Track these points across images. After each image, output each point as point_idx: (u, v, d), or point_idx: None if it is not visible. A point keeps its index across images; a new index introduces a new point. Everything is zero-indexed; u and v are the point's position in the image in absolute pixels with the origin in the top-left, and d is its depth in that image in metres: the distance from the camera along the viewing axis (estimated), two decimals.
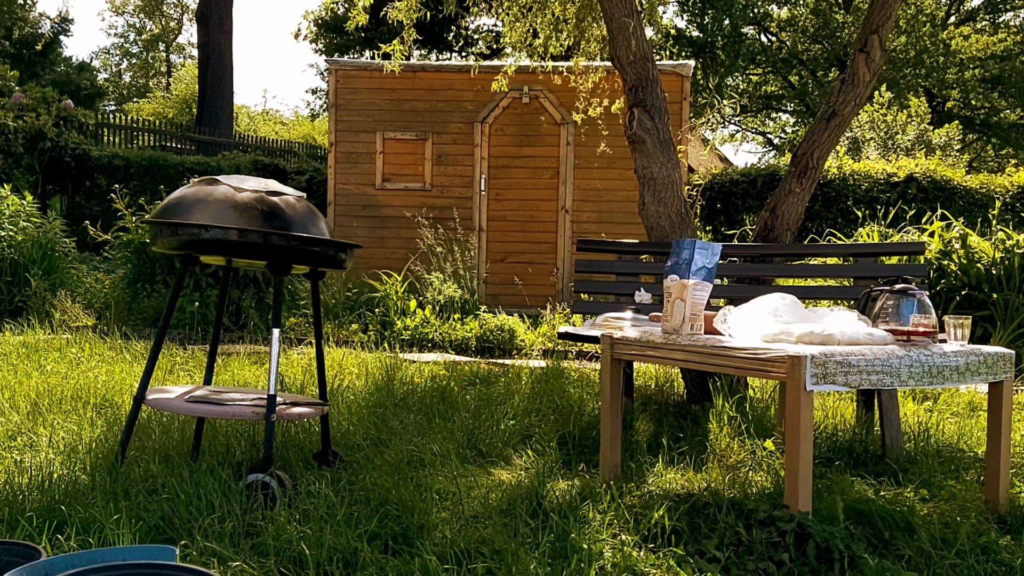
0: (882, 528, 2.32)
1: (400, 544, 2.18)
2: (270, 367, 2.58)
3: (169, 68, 42.13)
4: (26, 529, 2.16)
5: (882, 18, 4.01)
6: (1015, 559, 2.18)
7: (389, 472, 2.62)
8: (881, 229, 7.45)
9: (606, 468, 2.79)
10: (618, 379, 2.82)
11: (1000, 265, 6.04)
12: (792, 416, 2.19)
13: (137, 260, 7.06)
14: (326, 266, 2.70)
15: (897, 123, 16.43)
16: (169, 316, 2.80)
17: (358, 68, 10.05)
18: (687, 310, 2.58)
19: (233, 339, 6.44)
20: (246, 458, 2.90)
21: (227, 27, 19.21)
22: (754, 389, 4.12)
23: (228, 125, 19.25)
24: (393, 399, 3.91)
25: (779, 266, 4.14)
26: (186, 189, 2.67)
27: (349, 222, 9.76)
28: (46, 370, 4.37)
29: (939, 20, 26.96)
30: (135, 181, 12.22)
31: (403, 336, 6.62)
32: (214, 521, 2.21)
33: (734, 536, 2.12)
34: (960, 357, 2.40)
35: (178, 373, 4.50)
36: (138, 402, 2.74)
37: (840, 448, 3.28)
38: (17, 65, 22.08)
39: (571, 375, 4.58)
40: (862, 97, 4.07)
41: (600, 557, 2.02)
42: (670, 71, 9.17)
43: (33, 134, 11.70)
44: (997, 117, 26.72)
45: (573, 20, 6.09)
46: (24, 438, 3.12)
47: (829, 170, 10.70)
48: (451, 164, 9.72)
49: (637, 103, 4.04)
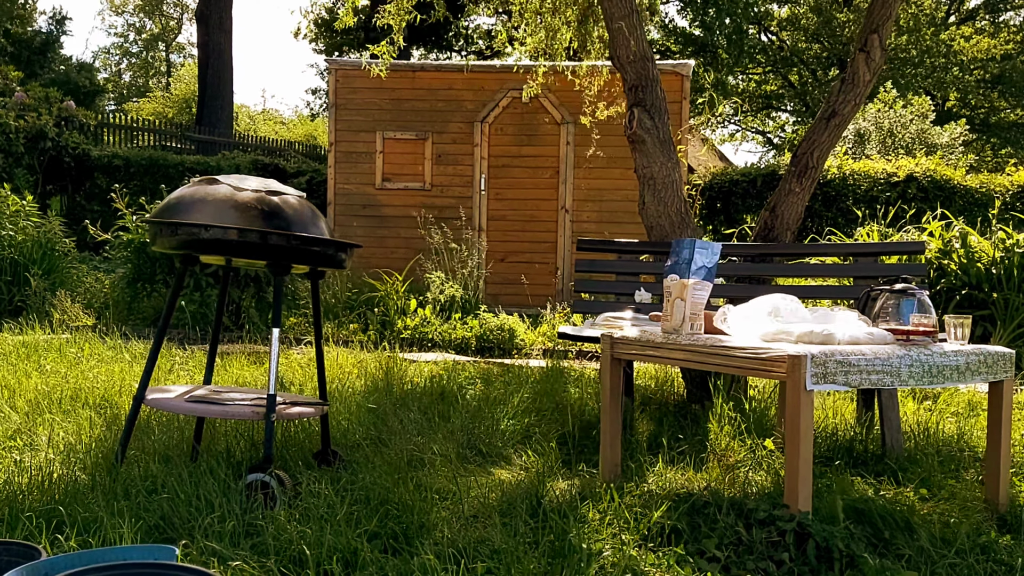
0: (882, 527, 2.32)
1: (400, 543, 2.18)
2: (270, 367, 2.58)
3: (169, 68, 42.14)
4: (26, 529, 2.16)
5: (882, 17, 4.01)
6: (1015, 558, 2.17)
7: (389, 472, 2.62)
8: (881, 228, 7.45)
9: (606, 468, 2.79)
10: (618, 379, 2.82)
11: (1000, 264, 6.04)
12: (792, 416, 2.19)
13: (137, 260, 7.06)
14: (326, 266, 2.70)
15: (900, 118, 16.41)
16: (169, 316, 2.80)
17: (358, 68, 10.04)
18: (687, 309, 2.58)
19: (233, 339, 6.44)
20: (246, 458, 2.90)
21: (227, 27, 19.20)
22: (754, 389, 4.12)
23: (228, 125, 19.25)
24: (393, 399, 3.91)
25: (779, 266, 4.14)
26: (186, 188, 2.67)
27: (349, 222, 9.76)
28: (46, 370, 4.36)
29: (939, 20, 26.96)
30: (135, 181, 12.22)
31: (403, 336, 6.62)
32: (214, 521, 2.21)
33: (734, 536, 2.12)
34: (960, 356, 2.40)
35: (178, 373, 4.50)
36: (138, 402, 2.74)
37: (840, 448, 3.28)
38: (16, 64, 22.07)
39: (571, 375, 4.58)
40: (862, 96, 4.07)
41: (600, 556, 2.02)
42: (670, 70, 9.17)
43: (34, 134, 11.70)
44: (997, 117, 26.71)
45: (575, 23, 6.09)
46: (24, 438, 3.12)
47: (829, 170, 10.70)
48: (451, 164, 9.71)
49: (637, 103, 4.04)
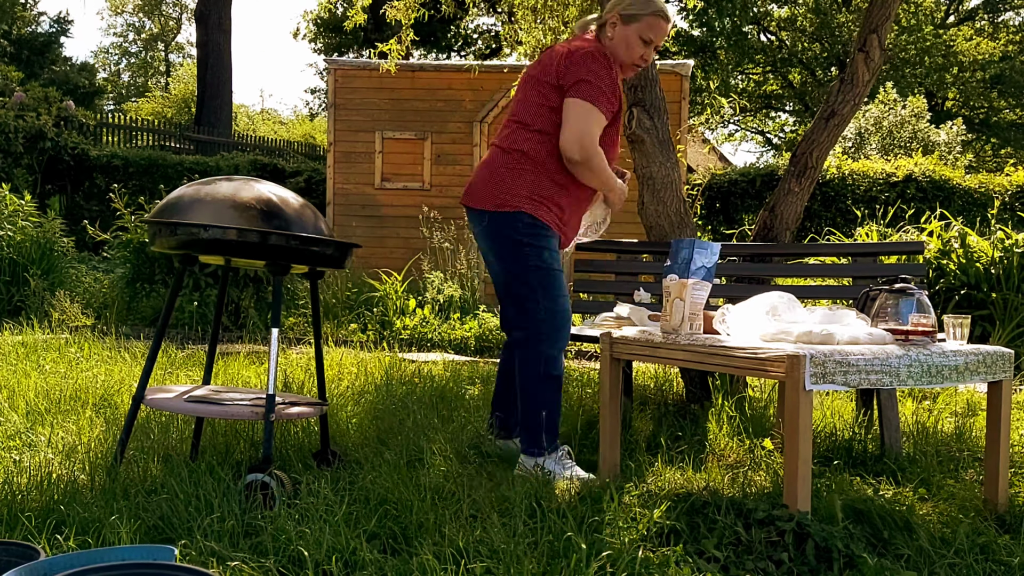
0: (881, 527, 2.32)
1: (399, 543, 2.18)
2: (269, 367, 2.58)
3: (168, 68, 42.13)
4: (25, 529, 2.16)
5: (881, 18, 4.01)
6: (1014, 559, 2.18)
7: (388, 472, 2.62)
8: (880, 228, 7.45)
9: (605, 467, 2.79)
10: (617, 378, 2.82)
11: (999, 264, 6.04)
12: (791, 416, 2.19)
13: (136, 260, 7.06)
14: (325, 266, 2.70)
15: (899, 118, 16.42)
16: (168, 316, 2.80)
17: (357, 68, 10.04)
18: (686, 309, 2.58)
19: (232, 339, 6.44)
20: (245, 458, 2.90)
21: (226, 27, 19.20)
22: (753, 388, 4.12)
23: (227, 125, 19.25)
24: (392, 399, 3.91)
25: (778, 266, 4.14)
26: (185, 188, 2.67)
27: (348, 222, 9.76)
28: (45, 370, 4.36)
29: (938, 20, 26.97)
30: (134, 181, 12.22)
31: (402, 336, 6.62)
32: (213, 521, 2.21)
33: (733, 535, 2.12)
34: (959, 356, 2.40)
35: (177, 373, 4.50)
36: (137, 402, 2.73)
37: (839, 447, 3.28)
38: (16, 65, 22.07)
39: (571, 375, 4.58)
40: (861, 97, 4.07)
41: (599, 557, 2.02)
42: (669, 70, 9.17)
43: (33, 134, 11.70)
44: (996, 117, 26.72)
45: (573, 23, 6.08)
46: (23, 438, 3.12)
47: (828, 170, 10.71)
48: (450, 164, 9.71)
49: (636, 102, 4.04)
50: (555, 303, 2.94)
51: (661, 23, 3.01)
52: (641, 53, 3.02)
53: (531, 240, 2.93)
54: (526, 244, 2.93)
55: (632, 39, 2.99)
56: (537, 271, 2.93)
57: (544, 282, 2.93)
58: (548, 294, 2.93)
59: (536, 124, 2.94)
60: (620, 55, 3.00)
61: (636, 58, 3.03)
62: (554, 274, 2.95)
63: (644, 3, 2.98)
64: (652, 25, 2.99)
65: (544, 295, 2.93)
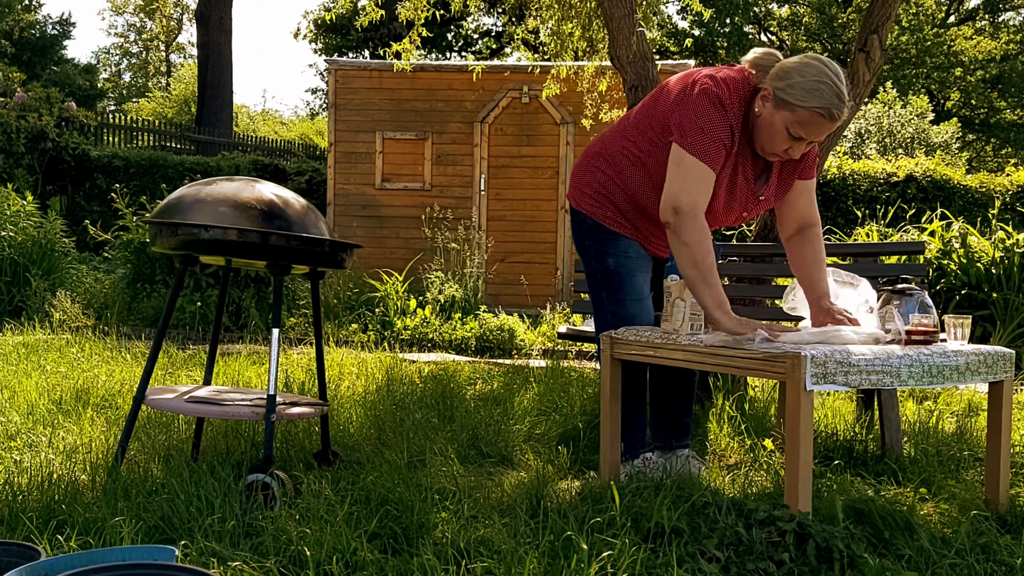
0: (882, 528, 2.32)
1: (400, 544, 2.18)
2: (270, 367, 2.58)
3: (169, 68, 42.13)
4: (26, 529, 2.16)
5: (882, 18, 4.01)
6: (1015, 559, 2.18)
7: (389, 472, 2.61)
8: (881, 228, 7.45)
9: (606, 468, 2.79)
10: (618, 379, 2.82)
11: (1000, 264, 6.04)
12: (792, 416, 2.19)
13: (137, 260, 7.06)
14: (326, 266, 2.70)
15: (900, 117, 16.41)
16: (169, 316, 2.80)
17: (358, 68, 10.05)
18: (687, 310, 2.58)
19: (233, 339, 6.44)
20: (246, 458, 2.90)
21: (227, 27, 19.20)
22: (754, 388, 4.12)
23: (228, 125, 19.25)
24: (393, 399, 3.91)
25: (779, 266, 4.14)
26: (186, 188, 2.67)
27: (349, 222, 9.76)
28: (46, 370, 4.37)
29: (939, 20, 26.96)
30: (135, 181, 12.22)
31: (403, 336, 6.63)
32: (214, 521, 2.21)
33: (734, 536, 2.12)
34: (960, 357, 2.40)
35: (178, 373, 4.50)
36: (138, 402, 2.74)
37: (840, 448, 3.28)
38: (17, 66, 22.09)
39: (571, 375, 4.57)
40: (862, 97, 4.07)
41: (599, 557, 2.02)
42: (670, 71, 9.17)
43: (35, 134, 11.71)
44: (997, 117, 26.72)
45: (580, 26, 6.06)
46: (24, 438, 3.12)
47: (829, 170, 10.71)
48: (451, 164, 9.71)
49: (637, 103, 4.03)
50: (621, 307, 2.76)
51: (822, 122, 2.40)
52: (786, 148, 2.48)
53: (592, 243, 2.78)
54: (588, 246, 2.81)
55: (778, 127, 2.44)
56: (602, 274, 2.77)
57: (610, 285, 2.76)
58: (614, 297, 2.76)
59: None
60: (761, 138, 2.51)
61: (778, 150, 2.49)
62: (620, 279, 2.75)
63: (807, 93, 2.37)
64: (806, 122, 2.40)
65: (610, 299, 2.77)
